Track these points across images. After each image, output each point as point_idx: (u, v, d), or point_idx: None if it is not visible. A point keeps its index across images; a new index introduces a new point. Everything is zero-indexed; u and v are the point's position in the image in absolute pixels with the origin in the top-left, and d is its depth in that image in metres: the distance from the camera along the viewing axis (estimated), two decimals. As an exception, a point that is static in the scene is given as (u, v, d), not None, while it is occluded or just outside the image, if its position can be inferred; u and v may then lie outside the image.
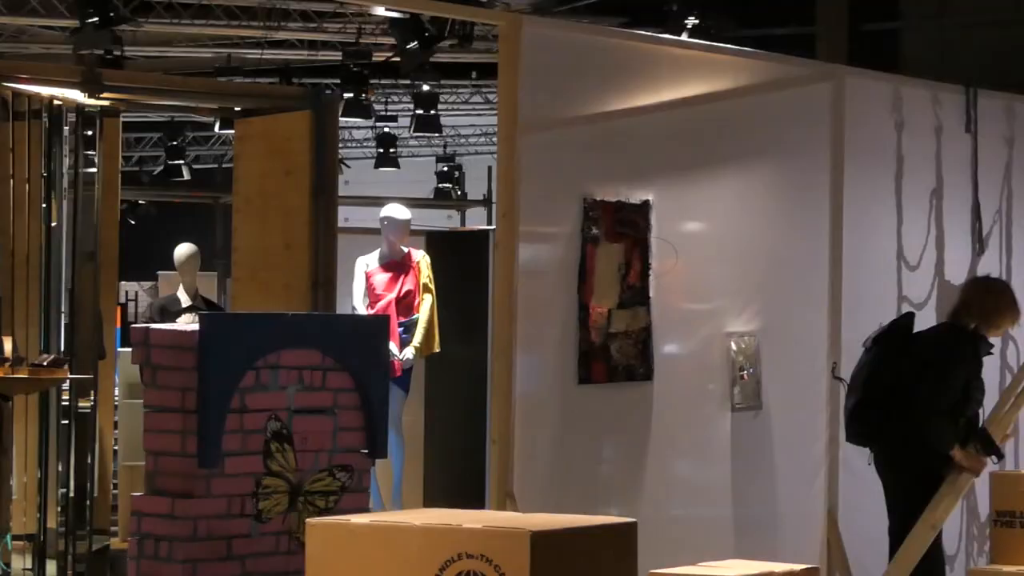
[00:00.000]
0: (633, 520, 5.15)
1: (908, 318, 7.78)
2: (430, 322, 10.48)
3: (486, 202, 20.18)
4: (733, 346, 7.73)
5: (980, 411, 7.71)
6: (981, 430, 7.56)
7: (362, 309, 10.46)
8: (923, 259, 8.66)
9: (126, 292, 17.99)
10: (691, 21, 14.17)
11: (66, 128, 9.02)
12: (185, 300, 11.12)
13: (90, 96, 8.93)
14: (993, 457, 7.65)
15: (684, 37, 12.95)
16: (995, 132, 9.03)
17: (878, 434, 7.56)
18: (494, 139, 16.25)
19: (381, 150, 21.77)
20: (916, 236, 8.65)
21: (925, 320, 8.58)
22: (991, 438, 7.55)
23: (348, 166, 22.33)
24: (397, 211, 10.73)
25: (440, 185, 23.62)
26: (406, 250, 10.61)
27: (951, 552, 8.66)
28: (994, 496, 7.59)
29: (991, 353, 7.78)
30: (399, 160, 22.25)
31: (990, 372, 8.45)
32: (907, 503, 7.47)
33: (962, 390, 7.48)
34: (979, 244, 8.96)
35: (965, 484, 7.48)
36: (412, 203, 12.91)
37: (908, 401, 7.42)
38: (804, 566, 5.48)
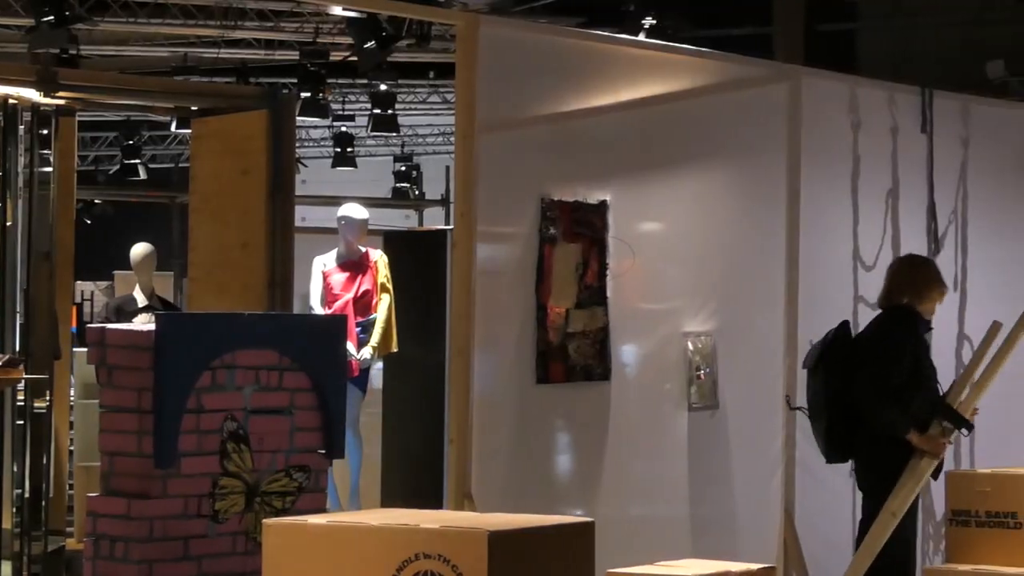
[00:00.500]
0: (591, 520, 5.16)
1: (843, 328, 7.76)
2: (388, 322, 10.46)
3: (444, 202, 20.17)
4: (690, 346, 7.74)
5: (939, 389, 7.70)
6: (945, 407, 7.54)
7: (319, 309, 10.43)
8: (879, 259, 8.68)
9: (82, 292, 17.90)
10: (648, 21, 14.20)
11: (21, 127, 8.97)
12: (141, 300, 11.07)
13: (46, 95, 8.87)
14: (963, 430, 7.58)
15: (641, 37, 12.98)
16: (951, 133, 9.06)
17: (860, 446, 7.55)
18: (452, 139, 16.26)
19: (338, 149, 21.71)
20: (872, 236, 8.68)
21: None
22: (958, 413, 7.52)
23: (305, 165, 22.29)
24: (354, 211, 10.70)
25: (398, 185, 23.57)
26: (363, 250, 10.59)
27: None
28: (949, 495, 7.61)
29: (931, 329, 7.78)
30: (356, 160, 22.19)
31: (946, 369, 8.49)
32: (880, 503, 7.46)
33: (911, 372, 7.50)
34: (935, 244, 8.99)
35: (927, 469, 7.47)
36: (369, 203, 12.88)
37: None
38: (761, 565, 5.49)
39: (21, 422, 8.95)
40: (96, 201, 21.84)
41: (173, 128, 19.71)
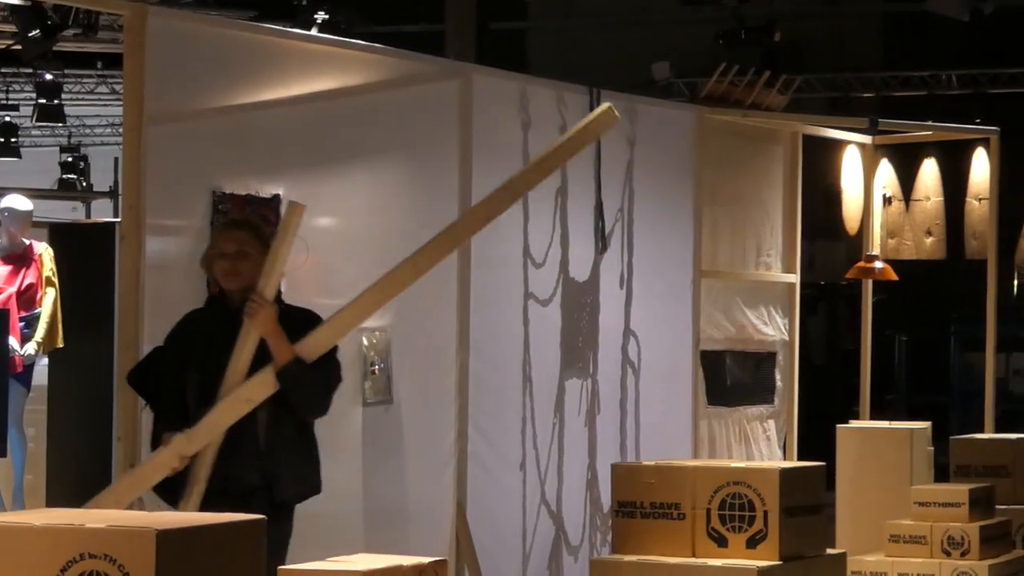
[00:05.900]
0: (262, 517, 5.12)
1: None
2: (53, 316, 10.24)
3: (112, 194, 19.82)
4: (364, 341, 7.75)
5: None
6: None
7: (-19, 304, 10.15)
8: (548, 256, 8.82)
9: None
10: (321, 16, 14.19)
11: None
12: None
13: None
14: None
15: (314, 32, 12.95)
16: (617, 133, 9.24)
17: None
18: (121, 130, 15.98)
19: (1, 140, 21.14)
20: (542, 234, 8.81)
21: (550, 316, 8.77)
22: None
23: (-34, 156, 21.64)
24: (18, 202, 10.47)
25: (64, 176, 23.07)
26: (28, 242, 10.36)
27: (575, 543, 8.87)
28: (615, 487, 7.77)
29: (237, 306, 6.61)
30: (20, 150, 21.65)
31: (611, 365, 8.66)
32: None
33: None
34: (602, 242, 9.18)
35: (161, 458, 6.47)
36: (34, 194, 12.60)
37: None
38: (433, 559, 5.52)
39: None
40: None
41: None
